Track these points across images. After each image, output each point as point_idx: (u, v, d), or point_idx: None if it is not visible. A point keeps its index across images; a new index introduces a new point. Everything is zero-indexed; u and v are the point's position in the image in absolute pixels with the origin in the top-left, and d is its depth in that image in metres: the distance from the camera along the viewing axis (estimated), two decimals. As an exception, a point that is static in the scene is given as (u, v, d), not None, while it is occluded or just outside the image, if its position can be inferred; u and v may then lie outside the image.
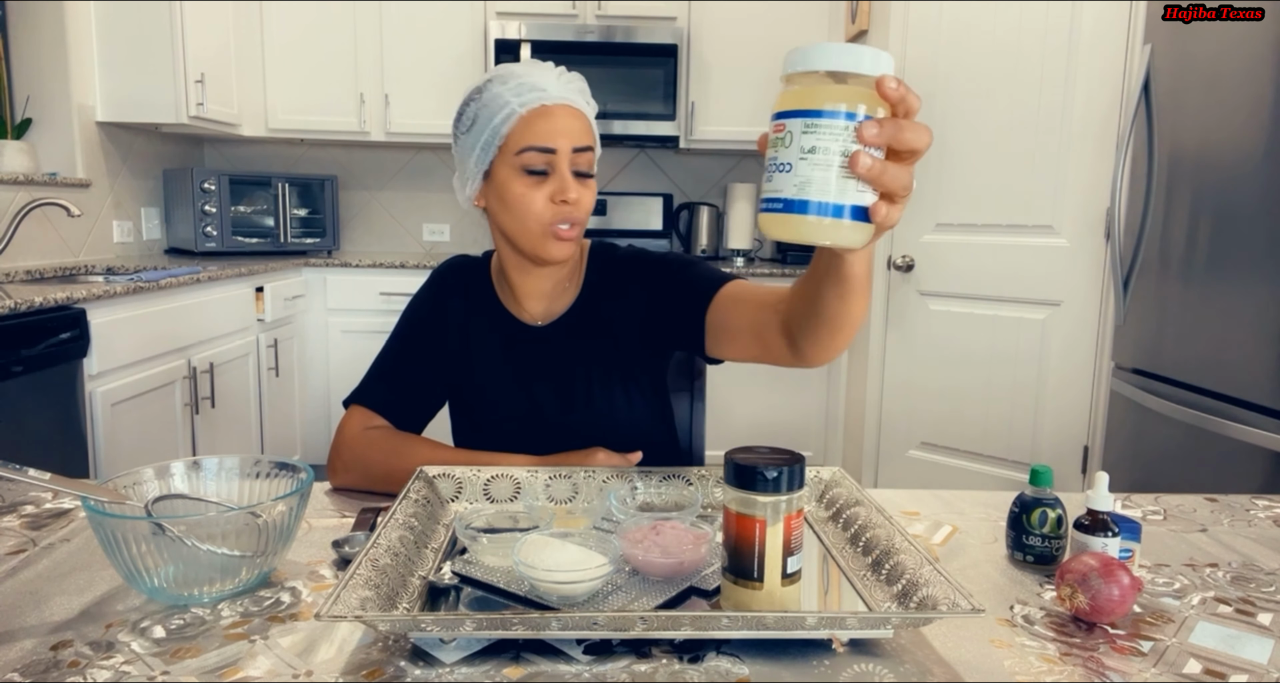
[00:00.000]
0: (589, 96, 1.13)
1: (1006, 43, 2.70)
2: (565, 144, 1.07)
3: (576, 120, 1.08)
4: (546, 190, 1.08)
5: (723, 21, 3.56)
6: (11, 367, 1.86)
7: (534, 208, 1.07)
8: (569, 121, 1.08)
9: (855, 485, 0.93)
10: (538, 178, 1.08)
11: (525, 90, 1.06)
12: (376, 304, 3.38)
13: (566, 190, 1.07)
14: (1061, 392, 2.68)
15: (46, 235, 2.85)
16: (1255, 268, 1.73)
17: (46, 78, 2.94)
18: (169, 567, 0.71)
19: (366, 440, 1.11)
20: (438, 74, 3.57)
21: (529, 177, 1.08)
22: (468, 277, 1.25)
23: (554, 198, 1.07)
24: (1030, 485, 0.85)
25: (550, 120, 1.06)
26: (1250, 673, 0.65)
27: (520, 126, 1.06)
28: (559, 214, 1.08)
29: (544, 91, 1.06)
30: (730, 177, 4.00)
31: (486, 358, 1.20)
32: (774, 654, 0.65)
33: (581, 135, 1.09)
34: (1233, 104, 1.80)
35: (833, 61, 0.59)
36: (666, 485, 0.97)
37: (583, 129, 1.09)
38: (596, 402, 1.18)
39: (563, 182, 1.07)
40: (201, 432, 2.63)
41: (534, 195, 1.07)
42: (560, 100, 1.07)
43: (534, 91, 1.06)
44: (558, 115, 1.07)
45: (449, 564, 0.80)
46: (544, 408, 1.18)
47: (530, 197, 1.07)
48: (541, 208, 1.08)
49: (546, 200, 1.08)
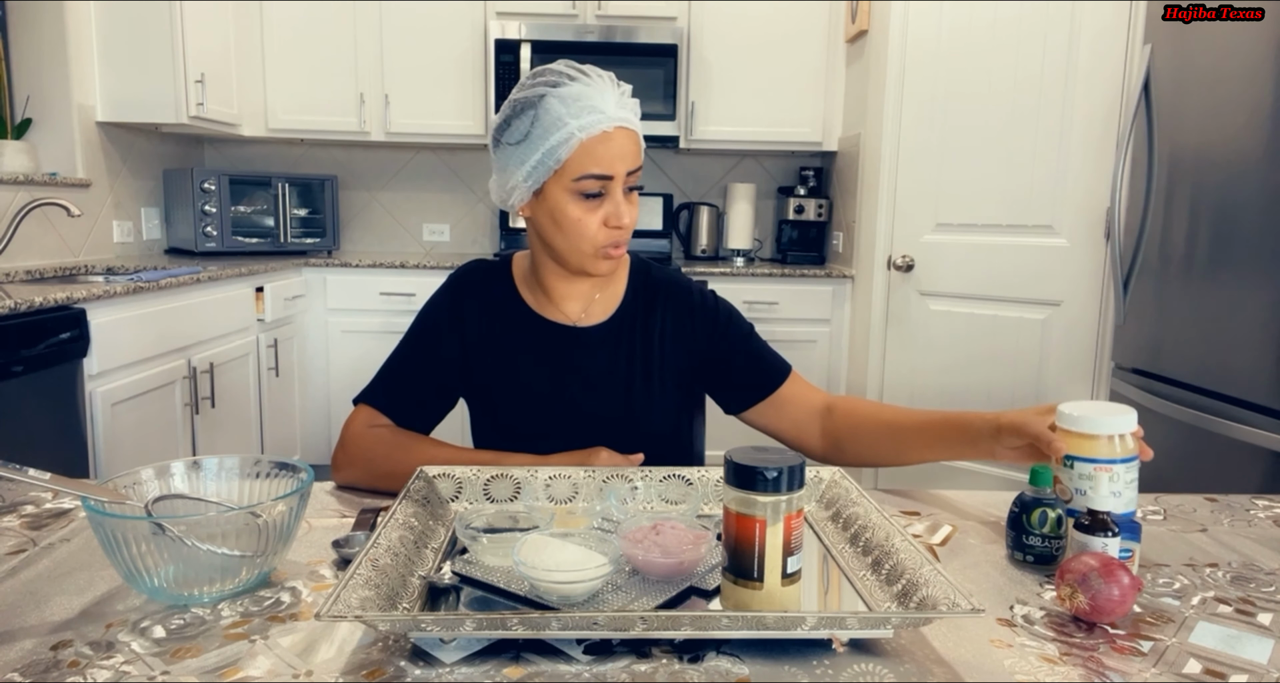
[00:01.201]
0: (638, 109, 1.11)
1: (1006, 43, 2.70)
2: (622, 169, 1.07)
3: (632, 142, 1.08)
4: (601, 214, 1.08)
5: (723, 21, 3.56)
6: (11, 367, 1.86)
7: (588, 232, 1.08)
8: (626, 145, 1.06)
9: (855, 486, 0.93)
10: (593, 201, 1.08)
11: (585, 113, 1.03)
12: (377, 304, 3.38)
13: (621, 216, 1.08)
14: (1061, 392, 2.68)
15: (46, 235, 2.85)
16: (1255, 268, 1.73)
17: (46, 78, 2.94)
18: (169, 567, 0.71)
19: (371, 438, 1.11)
20: (438, 74, 3.57)
21: (585, 201, 1.07)
22: (487, 280, 1.24)
23: (608, 222, 1.08)
24: (1030, 485, 0.85)
25: (609, 146, 1.05)
26: (1250, 673, 0.65)
27: (580, 153, 1.04)
28: (612, 237, 1.09)
29: (603, 114, 1.04)
30: (730, 177, 4.00)
31: (517, 359, 1.20)
32: (774, 654, 0.65)
33: (636, 157, 1.08)
34: (1233, 104, 1.80)
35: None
36: (666, 485, 0.97)
37: (637, 150, 1.09)
38: (634, 403, 1.19)
39: (617, 207, 1.07)
40: (201, 432, 2.63)
41: (589, 220, 1.08)
42: (618, 123, 1.05)
43: (593, 114, 1.03)
44: (616, 140, 1.05)
45: (449, 564, 0.80)
46: (579, 406, 1.19)
47: (586, 221, 1.08)
48: (595, 231, 1.08)
49: (600, 224, 1.08)
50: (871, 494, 0.91)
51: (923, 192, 2.95)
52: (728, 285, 3.36)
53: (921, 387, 3.02)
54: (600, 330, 1.20)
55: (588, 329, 1.20)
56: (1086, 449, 0.84)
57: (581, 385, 1.19)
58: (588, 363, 1.19)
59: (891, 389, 3.11)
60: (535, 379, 1.19)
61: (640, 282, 1.24)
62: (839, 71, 3.58)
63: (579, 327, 1.20)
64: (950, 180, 2.88)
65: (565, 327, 1.20)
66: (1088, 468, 0.84)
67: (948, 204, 2.90)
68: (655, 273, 1.25)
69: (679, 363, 1.21)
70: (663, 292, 1.23)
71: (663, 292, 1.23)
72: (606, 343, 1.20)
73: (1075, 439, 0.85)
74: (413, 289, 3.35)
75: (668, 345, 1.21)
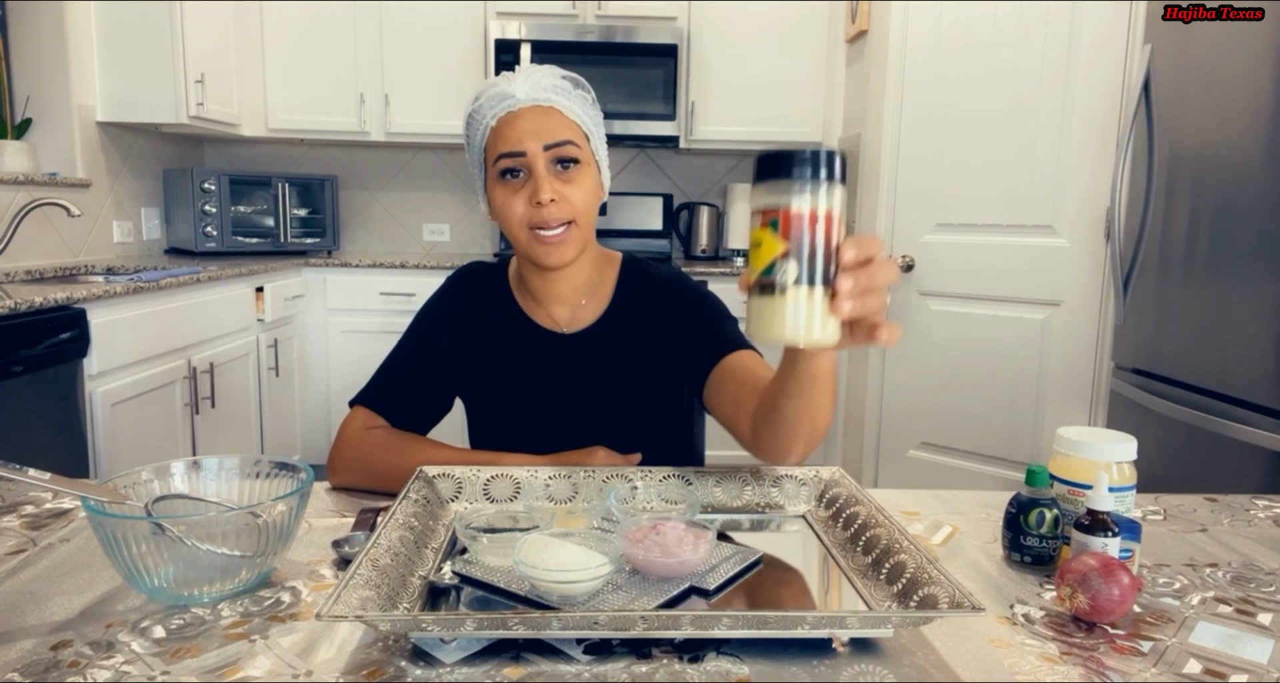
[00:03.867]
0: (571, 90, 1.10)
1: (1006, 43, 2.70)
2: (534, 144, 1.06)
3: (548, 118, 1.07)
4: (524, 194, 1.08)
5: (723, 21, 3.56)
6: (11, 367, 1.86)
7: (514, 213, 1.08)
8: (538, 121, 1.07)
9: (855, 485, 0.93)
10: (516, 183, 1.08)
11: (497, 101, 1.07)
12: (376, 304, 3.38)
13: (538, 191, 1.06)
14: (1061, 392, 2.68)
15: (46, 235, 2.85)
16: (1255, 268, 1.73)
17: (46, 78, 2.94)
18: (169, 567, 0.71)
19: (367, 440, 1.11)
20: (438, 74, 3.57)
21: (507, 184, 1.09)
22: (484, 282, 1.24)
23: (530, 200, 1.07)
24: (1026, 486, 0.85)
25: (517, 124, 1.06)
26: (1250, 673, 0.65)
27: (492, 137, 1.08)
28: (536, 217, 1.07)
29: (512, 98, 1.07)
30: (730, 176, 4.00)
31: (506, 362, 1.20)
32: (774, 654, 0.65)
33: (556, 131, 1.07)
34: (1233, 104, 1.80)
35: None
36: (666, 485, 0.97)
37: (558, 125, 1.07)
38: (619, 409, 1.18)
39: (537, 183, 1.06)
40: (201, 432, 2.63)
41: (513, 202, 1.08)
42: (529, 102, 1.07)
43: (504, 100, 1.07)
44: (525, 117, 1.06)
45: (449, 564, 0.80)
46: (566, 414, 1.18)
47: (510, 203, 1.08)
48: (521, 212, 1.08)
49: (525, 204, 1.08)
50: (871, 494, 0.91)
51: (923, 191, 2.95)
52: (728, 285, 3.36)
53: (921, 387, 3.02)
54: (583, 336, 1.19)
55: (571, 335, 1.19)
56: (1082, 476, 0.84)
57: (563, 392, 1.19)
58: (569, 370, 1.19)
59: (891, 389, 3.12)
60: (522, 384, 1.20)
61: (631, 282, 1.22)
62: (839, 71, 3.58)
63: (563, 333, 1.19)
64: (950, 180, 2.88)
65: (550, 332, 1.19)
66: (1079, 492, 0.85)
67: (948, 204, 2.90)
68: (649, 271, 1.23)
69: (673, 362, 1.18)
70: (656, 291, 1.21)
71: (656, 291, 1.21)
72: (588, 349, 1.19)
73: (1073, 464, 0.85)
74: (413, 289, 3.35)
75: (662, 346, 1.18)
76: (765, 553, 0.84)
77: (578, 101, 1.11)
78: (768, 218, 0.65)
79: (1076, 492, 0.85)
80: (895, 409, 3.11)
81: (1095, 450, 0.84)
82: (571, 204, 1.08)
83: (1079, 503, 0.84)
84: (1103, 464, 0.83)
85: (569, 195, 1.08)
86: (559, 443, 1.11)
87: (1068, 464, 0.86)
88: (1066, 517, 0.83)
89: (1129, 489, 0.84)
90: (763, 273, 0.65)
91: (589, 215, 1.11)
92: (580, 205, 1.09)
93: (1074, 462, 0.85)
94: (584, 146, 1.11)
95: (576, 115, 1.10)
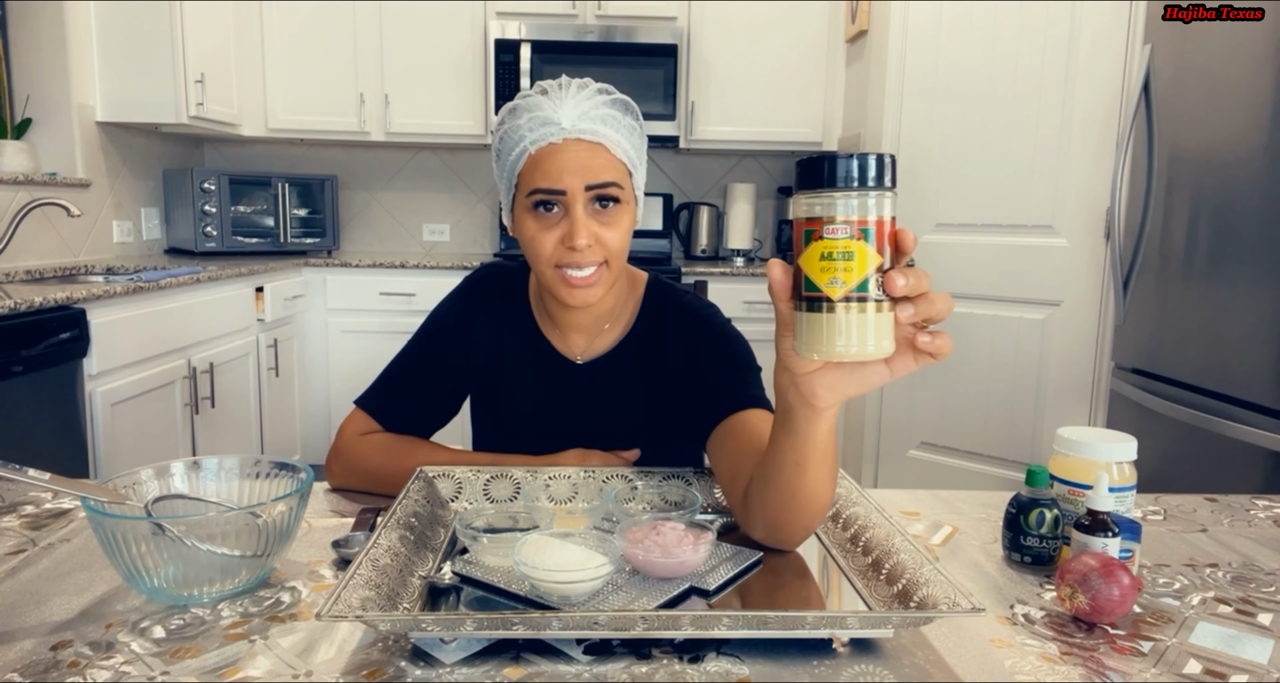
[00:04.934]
0: (619, 120, 1.01)
1: (1006, 43, 2.70)
2: (576, 183, 0.97)
3: (592, 155, 0.98)
4: (558, 233, 1.00)
5: (723, 21, 3.56)
6: (11, 367, 1.86)
7: (543, 251, 1.00)
8: (582, 156, 0.98)
9: (855, 485, 0.93)
10: (550, 218, 1.00)
11: (538, 125, 0.98)
12: (376, 304, 3.37)
13: (575, 236, 0.98)
14: (1061, 392, 2.68)
15: (46, 235, 2.85)
16: (1255, 268, 1.73)
17: (46, 78, 2.94)
18: (169, 567, 0.71)
19: (365, 446, 1.10)
20: (438, 74, 3.57)
21: (541, 217, 1.00)
22: (503, 292, 1.18)
23: (564, 241, 0.99)
24: (1026, 486, 0.85)
25: (559, 158, 0.97)
26: (1250, 673, 0.65)
27: (529, 166, 0.99)
28: (568, 259, 1.00)
29: (556, 125, 0.97)
30: (730, 177, 4.00)
31: (515, 383, 1.16)
32: (774, 654, 0.65)
33: (600, 171, 0.98)
34: (1233, 104, 1.80)
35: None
36: (666, 485, 0.97)
37: (603, 163, 0.99)
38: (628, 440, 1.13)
39: (573, 225, 0.98)
40: (201, 432, 2.63)
41: (544, 238, 1.00)
42: (574, 134, 0.98)
43: (546, 126, 0.98)
44: (569, 151, 0.97)
45: (449, 564, 0.80)
46: (574, 438, 1.13)
47: (540, 239, 1.00)
48: (550, 251, 1.00)
49: (557, 243, 1.00)
50: (871, 494, 0.91)
51: (922, 192, 2.95)
52: (728, 285, 3.36)
53: (921, 387, 3.02)
54: (597, 366, 1.14)
55: (584, 365, 1.14)
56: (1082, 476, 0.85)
57: (571, 419, 1.14)
58: (580, 399, 1.15)
59: (890, 389, 3.11)
60: (530, 406, 1.16)
61: (654, 310, 1.15)
62: (839, 71, 3.58)
63: (576, 362, 1.14)
64: (950, 180, 2.88)
65: (564, 359, 1.15)
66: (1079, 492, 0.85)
67: (947, 204, 2.90)
68: (673, 300, 1.15)
69: (681, 402, 1.09)
70: (676, 322, 1.13)
71: (676, 322, 1.13)
72: (602, 380, 1.14)
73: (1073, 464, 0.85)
74: (413, 289, 3.35)
75: (673, 381, 1.11)
76: (765, 553, 0.84)
77: (625, 133, 1.02)
78: (858, 227, 0.61)
79: (1076, 492, 0.85)
80: (895, 409, 3.11)
81: (1095, 451, 0.84)
82: (607, 247, 1.01)
83: (1079, 503, 0.84)
84: (1103, 464, 0.83)
85: (605, 238, 1.00)
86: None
87: (1068, 464, 0.86)
88: (1066, 517, 0.83)
89: (1129, 489, 0.84)
90: (857, 288, 0.61)
91: (622, 256, 1.04)
92: (615, 247, 1.02)
93: (1074, 462, 0.85)
94: (626, 185, 1.02)
95: (623, 151, 1.01)
